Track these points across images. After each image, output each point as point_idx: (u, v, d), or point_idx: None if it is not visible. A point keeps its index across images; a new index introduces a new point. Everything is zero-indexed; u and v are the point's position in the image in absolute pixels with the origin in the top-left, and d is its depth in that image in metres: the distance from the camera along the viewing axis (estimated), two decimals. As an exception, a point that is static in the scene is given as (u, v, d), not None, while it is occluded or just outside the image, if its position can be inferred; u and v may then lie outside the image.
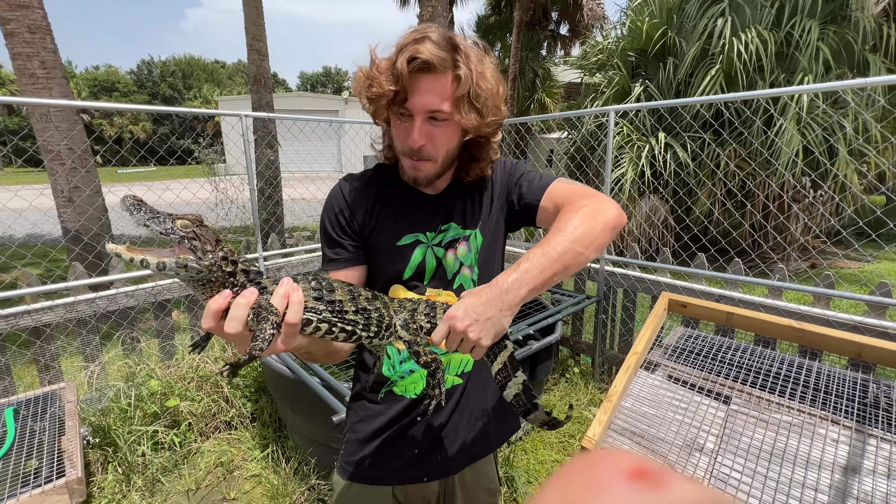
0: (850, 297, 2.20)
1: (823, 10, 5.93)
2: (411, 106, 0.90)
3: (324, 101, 23.68)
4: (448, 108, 0.90)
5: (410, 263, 1.02)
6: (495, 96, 0.94)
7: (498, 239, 1.13)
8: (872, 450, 1.53)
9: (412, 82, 0.88)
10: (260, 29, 6.47)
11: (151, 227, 0.56)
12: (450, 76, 0.89)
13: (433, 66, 0.86)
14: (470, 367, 1.10)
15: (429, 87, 0.88)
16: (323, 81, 69.00)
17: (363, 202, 1.03)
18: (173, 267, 0.57)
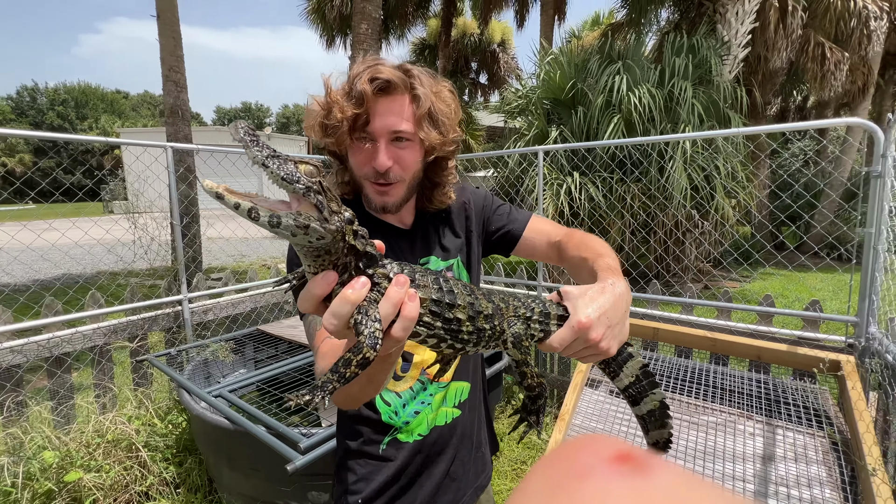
0: (747, 308, 2.58)
1: (694, 74, 7.19)
2: (374, 129, 0.89)
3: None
4: (411, 128, 0.90)
5: None
6: (453, 115, 0.96)
7: (479, 268, 1.14)
8: (781, 439, 1.77)
9: (372, 105, 0.88)
10: (178, 60, 6.16)
11: (271, 168, 0.45)
12: (408, 97, 0.89)
13: (393, 86, 0.87)
14: (466, 394, 1.09)
15: (389, 108, 0.88)
16: (242, 116, 66.36)
17: None
18: (290, 225, 0.45)
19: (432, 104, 0.91)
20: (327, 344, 0.81)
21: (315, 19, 14.94)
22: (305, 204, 0.46)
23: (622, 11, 11.45)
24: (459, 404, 1.07)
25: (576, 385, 2.14)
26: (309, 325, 0.91)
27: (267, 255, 9.54)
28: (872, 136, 2.12)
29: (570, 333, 0.64)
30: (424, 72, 0.93)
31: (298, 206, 0.46)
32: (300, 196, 0.46)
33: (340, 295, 0.49)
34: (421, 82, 0.90)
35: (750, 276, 8.46)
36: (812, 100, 14.88)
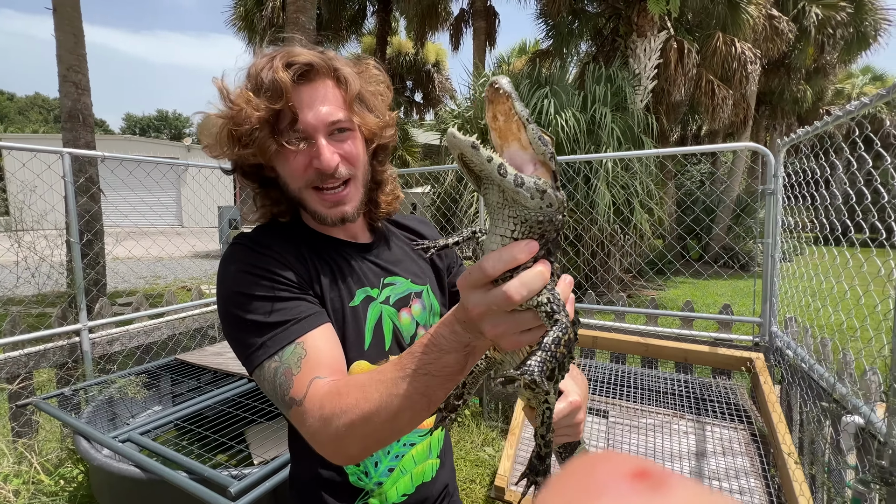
0: (672, 314, 2.79)
1: (612, 101, 7.89)
2: (307, 124, 0.74)
3: (159, 146, 20.81)
4: (346, 114, 0.77)
5: (367, 326, 0.82)
6: (384, 95, 0.85)
7: (445, 303, 0.99)
8: (710, 434, 1.91)
9: (295, 96, 0.73)
10: (80, 59, 5.50)
11: (532, 127, 0.44)
12: (332, 81, 0.77)
13: (315, 70, 0.74)
14: (443, 441, 0.97)
15: (317, 96, 0.75)
16: (157, 126, 60.96)
17: (293, 254, 0.79)
18: (531, 187, 0.43)
19: (361, 85, 0.79)
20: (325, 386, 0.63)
21: (242, 27, 14.26)
22: (543, 170, 0.46)
23: (547, 41, 12.31)
24: (440, 454, 0.93)
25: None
26: (276, 372, 0.68)
27: (186, 277, 8.68)
28: (765, 159, 2.43)
29: (566, 408, 0.65)
30: (337, 55, 0.81)
31: (535, 171, 0.45)
32: (545, 161, 0.45)
33: (539, 270, 0.46)
34: (341, 62, 0.78)
35: (666, 285, 9.33)
36: (705, 129, 17.07)
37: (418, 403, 0.56)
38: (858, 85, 22.25)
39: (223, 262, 0.78)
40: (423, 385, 0.55)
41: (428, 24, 14.38)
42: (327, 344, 0.72)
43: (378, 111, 0.83)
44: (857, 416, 1.39)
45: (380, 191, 0.91)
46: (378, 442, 0.61)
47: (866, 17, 12.57)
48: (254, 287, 0.73)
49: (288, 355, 0.68)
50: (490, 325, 0.48)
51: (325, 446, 0.62)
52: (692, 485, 0.15)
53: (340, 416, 0.59)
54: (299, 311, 0.72)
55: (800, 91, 15.70)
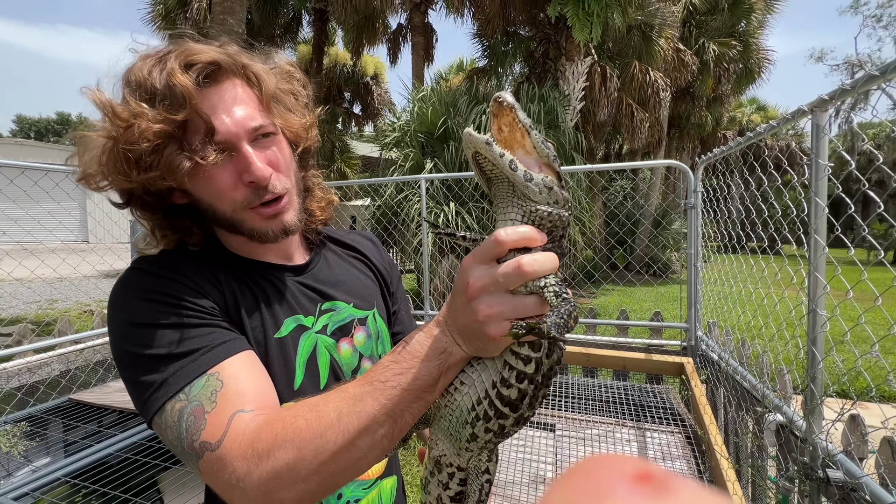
0: (610, 322, 2.91)
1: (545, 119, 8.32)
2: (226, 133, 0.62)
3: (59, 152, 18.40)
4: (266, 117, 0.67)
5: (298, 361, 0.71)
6: (301, 93, 0.76)
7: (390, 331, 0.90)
8: (650, 440, 1.97)
9: (202, 102, 0.61)
10: (-50, 48, 4.69)
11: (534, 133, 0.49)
12: (241, 80, 0.67)
13: (221, 70, 0.63)
14: (395, 492, 0.85)
15: (226, 99, 0.63)
16: (57, 129, 54.21)
17: (208, 279, 0.67)
18: (539, 183, 0.47)
19: (275, 81, 0.70)
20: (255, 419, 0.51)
21: (163, 26, 13.17)
22: (548, 171, 0.49)
23: (483, 60, 12.77)
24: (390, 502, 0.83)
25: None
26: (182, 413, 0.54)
27: (90, 299, 7.65)
28: (685, 175, 2.63)
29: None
30: (242, 50, 0.70)
31: (541, 172, 0.48)
32: (549, 163, 0.49)
33: (550, 255, 0.47)
34: (248, 58, 0.68)
35: (596, 293, 9.90)
36: (626, 147, 18.67)
37: (383, 426, 0.49)
38: (747, 113, 25.72)
39: (116, 291, 0.62)
40: (392, 401, 0.49)
41: (366, 36, 14.32)
42: (251, 373, 0.59)
43: (298, 111, 0.74)
44: (778, 414, 1.50)
45: (310, 198, 0.82)
46: (325, 481, 0.49)
47: (752, 55, 14.57)
48: (154, 316, 0.59)
49: (198, 390, 0.55)
50: (486, 305, 0.46)
51: (254, 492, 0.48)
52: (694, 487, 0.15)
53: (282, 448, 0.48)
54: (212, 339, 0.59)
55: (702, 117, 17.76)
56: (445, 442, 0.58)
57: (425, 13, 14.04)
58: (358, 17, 12.86)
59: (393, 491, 0.85)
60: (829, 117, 1.19)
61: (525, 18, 11.42)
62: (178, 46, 0.63)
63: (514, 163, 0.46)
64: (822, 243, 1.22)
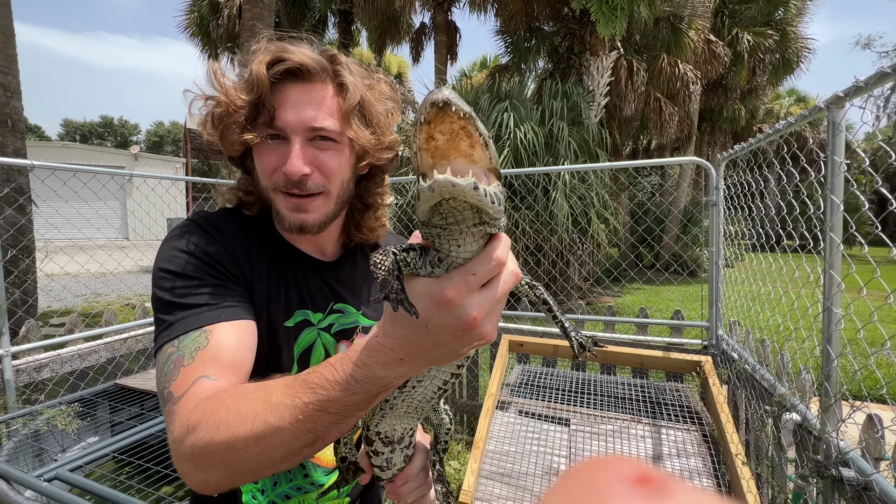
0: (629, 321, 2.90)
1: (569, 115, 8.21)
2: (284, 123, 0.69)
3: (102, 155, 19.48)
4: (335, 124, 0.71)
5: (294, 353, 0.76)
6: (391, 114, 0.79)
7: None
8: (665, 437, 1.97)
9: (280, 95, 0.69)
10: (9, 60, 5.08)
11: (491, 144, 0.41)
12: (331, 86, 0.72)
13: (307, 72, 0.69)
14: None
15: (304, 98, 0.70)
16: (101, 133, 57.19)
17: (243, 249, 0.73)
18: (498, 196, 0.41)
19: (364, 97, 0.73)
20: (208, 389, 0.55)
21: (196, 33, 13.73)
22: (493, 175, 0.43)
23: (506, 56, 12.70)
24: (351, 492, 0.84)
25: (487, 409, 2.15)
26: (168, 358, 0.60)
27: (131, 293, 8.11)
28: (707, 173, 2.59)
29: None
30: (355, 62, 0.76)
31: (488, 180, 0.42)
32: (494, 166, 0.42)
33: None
34: (350, 70, 0.73)
35: (621, 292, 9.72)
36: (654, 143, 18.16)
37: (300, 439, 0.48)
38: (785, 105, 24.51)
39: (167, 237, 0.71)
40: (314, 421, 0.47)
41: (389, 36, 14.47)
42: (236, 341, 0.62)
43: (379, 130, 0.76)
44: (794, 413, 1.49)
45: (368, 214, 0.85)
46: (238, 471, 0.51)
47: (790, 44, 13.88)
48: (183, 266, 0.66)
49: (187, 342, 0.60)
50: (490, 323, 0.45)
51: (181, 463, 0.52)
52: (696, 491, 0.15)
53: (203, 429, 0.50)
54: (219, 299, 0.65)
55: (735, 110, 17.07)
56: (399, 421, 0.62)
57: (448, 11, 14.07)
58: (381, 17, 13.03)
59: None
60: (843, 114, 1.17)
61: (549, 14, 11.28)
62: (282, 45, 0.71)
63: (488, 193, 0.39)
64: (837, 241, 1.21)
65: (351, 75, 0.72)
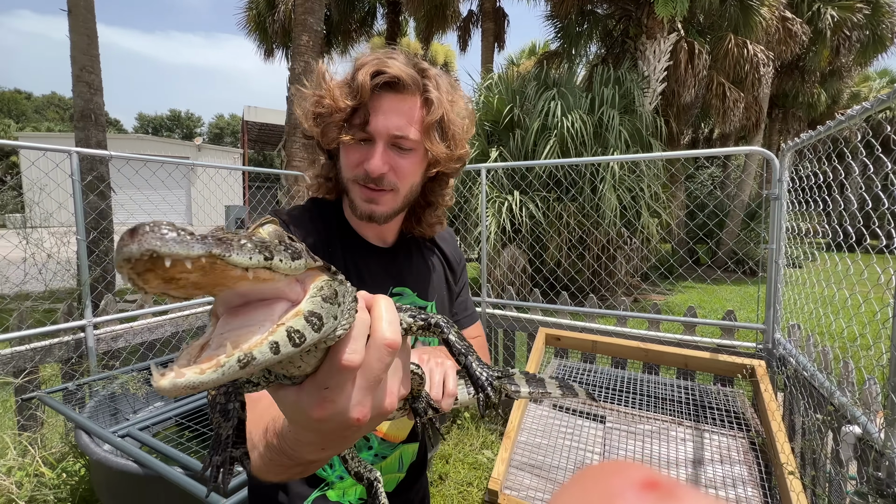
0: (675, 319, 2.76)
1: (620, 103, 7.83)
2: (374, 128, 0.78)
3: (170, 146, 21.09)
4: (416, 134, 0.79)
5: None
6: (465, 130, 0.86)
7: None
8: (708, 442, 1.88)
9: (375, 101, 0.78)
10: (93, 59, 5.60)
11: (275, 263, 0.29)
12: (419, 99, 0.79)
13: (402, 84, 0.77)
14: (414, 455, 0.98)
15: (394, 107, 0.78)
16: (169, 125, 61.83)
17: (311, 242, 0.82)
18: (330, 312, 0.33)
19: (445, 113, 0.81)
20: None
21: (254, 29, 14.42)
22: (311, 275, 0.33)
23: (556, 42, 12.27)
24: (409, 469, 0.95)
25: (520, 402, 2.14)
26: None
27: (194, 274, 8.78)
28: (770, 163, 2.39)
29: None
30: (443, 75, 0.84)
31: (304, 288, 0.32)
32: (310, 267, 0.33)
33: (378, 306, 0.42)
34: (437, 85, 0.80)
35: (672, 290, 9.23)
36: (717, 132, 16.89)
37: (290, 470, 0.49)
38: (876, 88, 21.80)
39: None
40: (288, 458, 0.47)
41: (436, 24, 14.41)
42: None
43: (453, 143, 0.84)
44: (855, 426, 1.36)
45: (429, 211, 0.93)
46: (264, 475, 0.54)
47: (883, 19, 12.33)
48: None
49: None
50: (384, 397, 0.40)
51: None
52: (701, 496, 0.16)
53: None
54: None
55: (814, 95, 15.46)
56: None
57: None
58: (429, 6, 13.00)
59: (413, 454, 0.97)
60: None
61: (603, -5, 10.75)
62: (385, 56, 0.78)
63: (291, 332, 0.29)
64: (915, 239, 1.08)
65: (437, 90, 0.79)
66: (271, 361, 0.28)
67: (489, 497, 1.73)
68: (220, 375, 0.26)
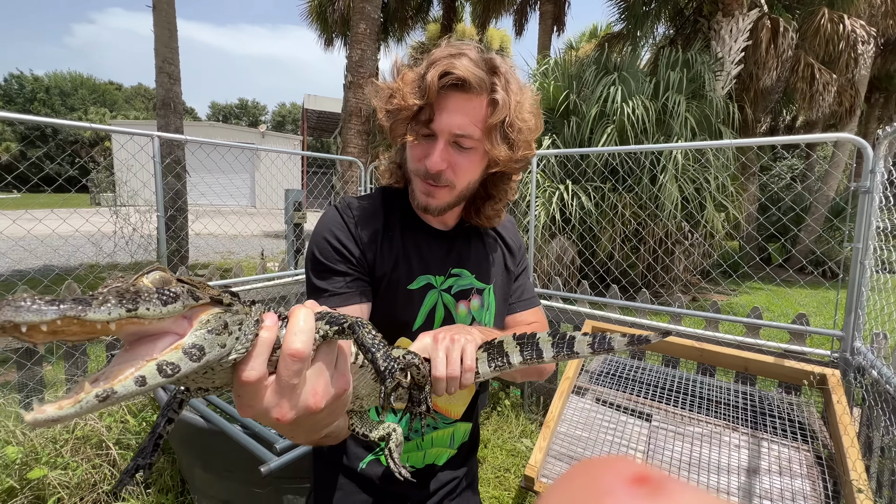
0: (735, 319, 2.58)
1: (688, 88, 7.28)
2: (437, 126, 0.80)
3: (238, 132, 22.56)
4: (478, 134, 0.81)
5: (422, 311, 0.89)
6: (530, 131, 0.85)
7: (505, 309, 1.02)
8: (766, 451, 1.76)
9: (441, 99, 0.79)
10: (173, 52, 6.08)
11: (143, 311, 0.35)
12: (485, 99, 0.80)
13: (468, 85, 0.78)
14: (467, 436, 1.02)
15: (459, 107, 0.79)
16: (237, 113, 65.96)
17: (370, 230, 0.87)
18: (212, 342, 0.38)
19: (510, 114, 0.81)
20: None
21: (315, 19, 14.90)
22: (198, 311, 0.37)
23: (619, 24, 11.59)
24: (459, 446, 1.00)
25: (562, 392, 2.11)
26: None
27: (256, 254, 9.41)
28: (862, 153, 2.14)
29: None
30: (513, 73, 0.84)
31: (191, 323, 0.37)
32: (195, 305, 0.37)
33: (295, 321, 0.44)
34: (505, 86, 0.80)
35: (737, 290, 8.56)
36: (801, 119, 15.22)
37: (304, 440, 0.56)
38: None
39: (318, 221, 0.90)
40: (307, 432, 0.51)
41: (492, 8, 14.11)
42: None
43: (516, 145, 0.84)
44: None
45: (489, 204, 0.95)
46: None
47: None
48: (317, 249, 0.86)
49: None
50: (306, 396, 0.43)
51: None
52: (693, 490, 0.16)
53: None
54: (336, 287, 0.83)
55: (925, 76, 13.45)
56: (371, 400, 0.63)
57: (557, -22, 13.22)
58: (486, -11, 12.73)
59: (466, 434, 1.01)
60: None
61: (674, -29, 9.96)
62: (455, 54, 0.79)
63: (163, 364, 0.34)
64: None
65: (504, 90, 0.79)
66: (137, 392, 0.32)
67: (526, 483, 1.74)
68: (78, 410, 0.30)
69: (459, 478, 1.02)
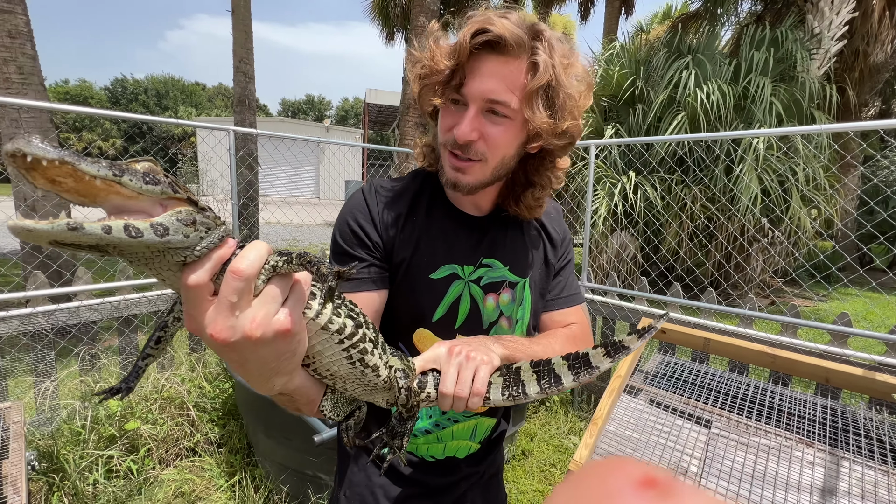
0: (817, 326, 2.32)
1: (775, 69, 6.56)
2: (468, 91, 0.71)
3: (305, 127, 23.91)
4: (515, 102, 0.71)
5: (444, 302, 0.82)
6: (577, 101, 0.74)
7: (541, 306, 0.95)
8: (846, 472, 1.58)
9: (474, 62, 0.71)
10: (248, 52, 6.55)
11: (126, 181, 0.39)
12: (524, 63, 0.70)
13: (505, 44, 0.68)
14: (490, 431, 0.99)
15: (494, 70, 0.70)
16: (304, 109, 69.63)
17: (394, 213, 0.82)
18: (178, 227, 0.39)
19: (553, 78, 0.70)
20: None
21: (378, 14, 15.28)
22: (173, 204, 0.40)
23: (697, 2, 10.67)
24: (481, 440, 0.96)
25: (612, 390, 2.04)
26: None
27: (318, 241, 9.97)
28: None
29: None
30: (559, 38, 0.73)
31: (165, 210, 0.39)
32: (169, 197, 0.39)
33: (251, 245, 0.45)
34: (548, 48, 0.70)
35: (827, 295, 7.65)
36: (919, 101, 13.10)
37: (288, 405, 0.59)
38: None
39: (345, 203, 0.87)
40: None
41: (556, -7, 13.59)
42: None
43: (560, 114, 0.73)
44: None
45: (530, 192, 0.85)
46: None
47: None
48: (338, 233, 0.83)
49: None
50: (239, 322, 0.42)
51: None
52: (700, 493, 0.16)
53: None
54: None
55: None
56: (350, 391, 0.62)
57: (627, -44, 12.43)
58: (550, -26, 12.28)
59: (489, 430, 0.97)
60: None
61: (763, -62, 8.95)
62: (487, 18, 0.70)
63: (132, 226, 0.36)
64: None
65: (547, 53, 0.70)
66: (101, 237, 0.34)
67: (569, 478, 1.71)
68: (48, 230, 0.33)
69: (481, 471, 1.00)
